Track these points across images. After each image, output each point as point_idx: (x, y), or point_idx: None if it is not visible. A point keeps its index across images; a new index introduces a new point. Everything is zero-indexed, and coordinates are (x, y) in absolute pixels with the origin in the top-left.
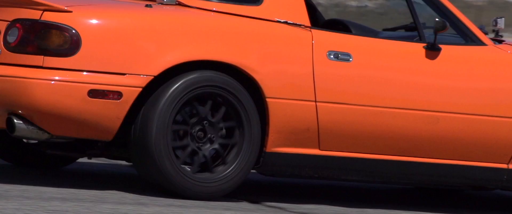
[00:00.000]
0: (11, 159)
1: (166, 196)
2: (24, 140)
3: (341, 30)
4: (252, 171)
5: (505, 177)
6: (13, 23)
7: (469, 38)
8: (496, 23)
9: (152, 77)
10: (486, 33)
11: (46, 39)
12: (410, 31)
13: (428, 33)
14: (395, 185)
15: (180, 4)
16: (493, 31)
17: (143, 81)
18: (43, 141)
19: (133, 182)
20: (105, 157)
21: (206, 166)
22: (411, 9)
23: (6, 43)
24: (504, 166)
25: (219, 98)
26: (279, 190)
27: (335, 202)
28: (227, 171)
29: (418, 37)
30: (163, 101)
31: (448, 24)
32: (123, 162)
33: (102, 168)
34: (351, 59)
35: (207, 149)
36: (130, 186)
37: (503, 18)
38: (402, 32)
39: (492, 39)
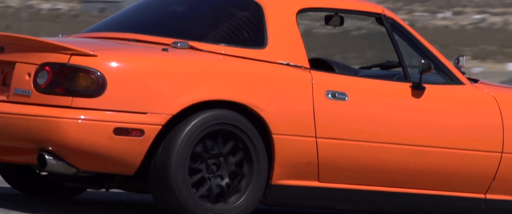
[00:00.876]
0: (23, 188)
1: None
2: (37, 171)
3: (324, 68)
4: None
5: (482, 206)
6: (43, 66)
7: (449, 78)
8: (458, 61)
9: (171, 115)
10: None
11: (74, 82)
12: (385, 69)
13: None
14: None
15: (192, 48)
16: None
17: (163, 119)
18: (69, 175)
19: (142, 211)
20: (122, 189)
21: (218, 197)
22: (397, 51)
23: (36, 85)
24: (482, 196)
25: (231, 134)
26: None
27: None
28: (238, 202)
29: (398, 76)
30: (181, 137)
31: (432, 65)
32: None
33: (112, 197)
34: (347, 98)
35: (220, 181)
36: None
37: (464, 57)
38: (380, 71)
39: (468, 79)
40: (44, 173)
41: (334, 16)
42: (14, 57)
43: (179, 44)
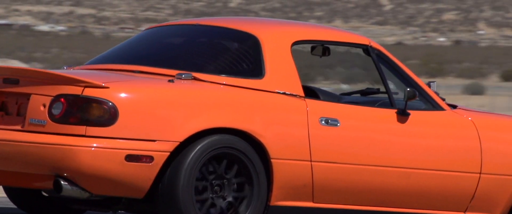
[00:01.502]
0: (29, 209)
1: None
2: (43, 193)
3: (310, 95)
4: None
5: None
6: (57, 98)
7: (430, 104)
8: (429, 86)
9: (178, 143)
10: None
11: (87, 112)
12: (364, 95)
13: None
14: None
15: (195, 79)
16: None
17: (171, 146)
18: (83, 199)
19: None
20: (128, 211)
21: None
22: (383, 79)
23: (51, 115)
24: (460, 213)
25: (233, 158)
26: None
27: None
28: None
29: (380, 102)
30: (187, 162)
31: (417, 93)
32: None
33: None
34: (339, 124)
35: (223, 202)
36: None
37: (435, 82)
38: (362, 97)
39: (448, 104)
40: (45, 194)
41: (322, 48)
42: (29, 90)
43: (183, 76)
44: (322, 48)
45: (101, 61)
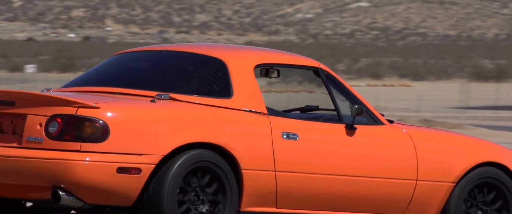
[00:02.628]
0: None
1: None
2: (23, 202)
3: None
4: None
5: None
6: (53, 117)
7: (372, 119)
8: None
9: (162, 156)
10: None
11: (81, 130)
12: (304, 112)
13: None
14: None
15: (173, 99)
16: None
17: (156, 159)
18: (77, 208)
19: None
20: None
21: None
22: (332, 98)
23: (47, 133)
24: None
25: (209, 170)
26: None
27: None
28: None
29: (324, 118)
30: (171, 173)
31: (364, 110)
32: None
33: None
34: (297, 137)
35: (201, 209)
36: None
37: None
38: (309, 113)
39: (387, 120)
40: (29, 204)
41: (272, 70)
42: (25, 110)
43: (162, 96)
44: (274, 70)
45: (79, 84)
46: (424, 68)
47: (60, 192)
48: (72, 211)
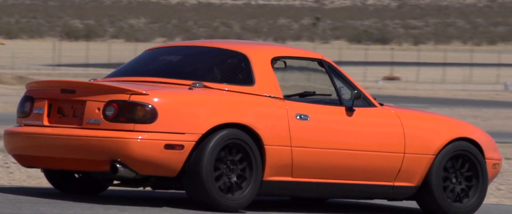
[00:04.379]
0: (62, 187)
1: (205, 210)
2: (76, 175)
3: None
4: None
5: (391, 190)
6: (110, 103)
7: (367, 103)
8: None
9: (201, 134)
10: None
11: (134, 113)
12: (302, 96)
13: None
14: (334, 198)
15: (206, 86)
16: None
17: (196, 137)
18: (130, 178)
19: (148, 202)
20: (154, 188)
21: (231, 190)
22: (334, 85)
23: (105, 116)
24: (391, 183)
25: (238, 146)
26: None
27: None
28: (244, 193)
29: (326, 101)
30: (208, 148)
31: (361, 94)
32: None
33: (119, 193)
34: (309, 118)
35: (232, 179)
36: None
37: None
38: (309, 98)
39: (379, 103)
40: (77, 176)
41: (280, 62)
42: (84, 97)
43: (197, 84)
44: (282, 62)
45: (121, 75)
46: (16, 27)
47: (118, 165)
48: (115, 182)
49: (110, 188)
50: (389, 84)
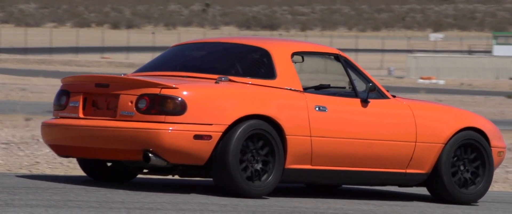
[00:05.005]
0: (95, 175)
1: (231, 196)
2: (107, 164)
3: None
4: None
5: (404, 176)
6: (142, 96)
7: (380, 95)
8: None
9: (227, 125)
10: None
11: (165, 106)
12: (318, 89)
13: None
14: (350, 185)
15: (231, 80)
16: None
17: (223, 128)
18: (162, 166)
19: (189, 190)
20: (182, 176)
21: (254, 178)
22: (350, 79)
23: (137, 109)
24: (403, 170)
25: (262, 136)
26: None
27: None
28: (268, 180)
29: (342, 93)
30: (234, 138)
31: (375, 87)
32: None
33: (148, 181)
34: (327, 109)
35: (256, 166)
36: (194, 192)
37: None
38: (330, 89)
39: (391, 95)
40: (108, 164)
41: (298, 57)
42: (118, 91)
43: (223, 78)
44: (299, 57)
45: (149, 70)
46: None
47: (150, 154)
48: (144, 170)
49: (139, 176)
50: None
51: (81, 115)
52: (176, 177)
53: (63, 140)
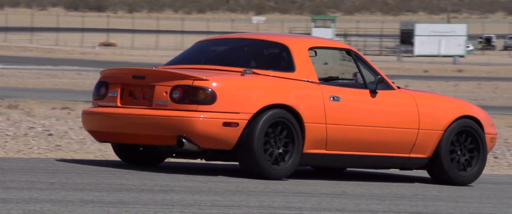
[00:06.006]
0: (127, 160)
1: (256, 178)
2: (140, 149)
3: None
4: None
5: (407, 160)
6: (176, 87)
7: (387, 86)
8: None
9: (252, 114)
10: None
11: (197, 96)
12: (326, 80)
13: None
14: (360, 168)
15: (255, 73)
16: None
17: (248, 116)
18: (193, 151)
19: (210, 173)
20: (209, 160)
21: (277, 161)
22: (360, 71)
23: (172, 98)
24: (407, 155)
25: (283, 123)
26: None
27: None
28: (288, 164)
29: (352, 84)
30: (259, 125)
31: (383, 78)
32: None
33: (174, 164)
34: (340, 99)
35: (277, 151)
36: (220, 173)
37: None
38: (342, 81)
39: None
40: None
41: (311, 51)
42: (153, 82)
43: (247, 71)
44: (313, 51)
45: (178, 63)
46: None
47: (183, 140)
48: (173, 155)
49: (167, 160)
50: (105, 50)
51: (119, 104)
52: (197, 161)
53: (102, 126)
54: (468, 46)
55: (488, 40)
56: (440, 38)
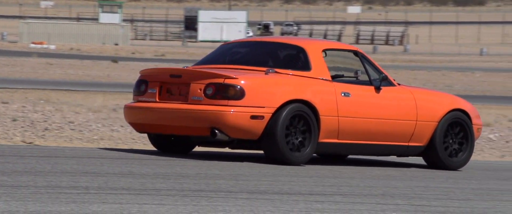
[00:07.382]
0: (162, 148)
1: (278, 164)
2: (172, 138)
3: None
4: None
5: (406, 148)
6: (209, 84)
7: (389, 83)
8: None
9: (276, 108)
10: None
11: (228, 92)
12: (338, 78)
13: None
14: (366, 155)
15: (276, 72)
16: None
17: (272, 110)
18: (224, 141)
19: (234, 160)
20: (236, 148)
21: (296, 149)
22: (367, 71)
23: (205, 94)
24: (406, 143)
25: (301, 116)
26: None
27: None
28: (306, 151)
29: (359, 81)
30: (282, 118)
31: (386, 77)
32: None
33: (199, 153)
34: (350, 95)
35: (297, 140)
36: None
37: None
38: (349, 79)
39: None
40: (173, 138)
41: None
42: (189, 80)
43: (270, 70)
44: (325, 53)
45: (207, 63)
46: None
47: (216, 131)
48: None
49: (196, 148)
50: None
51: (157, 100)
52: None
53: (143, 119)
54: (248, 32)
55: (266, 27)
56: (222, 25)
